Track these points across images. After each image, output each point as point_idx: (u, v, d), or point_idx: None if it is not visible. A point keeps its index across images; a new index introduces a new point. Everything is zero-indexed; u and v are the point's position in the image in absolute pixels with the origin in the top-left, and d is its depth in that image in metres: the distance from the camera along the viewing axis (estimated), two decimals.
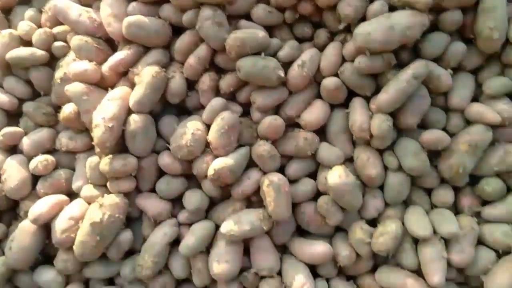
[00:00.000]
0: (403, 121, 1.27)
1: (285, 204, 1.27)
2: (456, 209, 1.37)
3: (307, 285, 1.27)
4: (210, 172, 1.29)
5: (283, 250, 1.40)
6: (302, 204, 1.35)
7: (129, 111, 1.33)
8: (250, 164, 1.36)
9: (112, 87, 1.39)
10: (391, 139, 1.30)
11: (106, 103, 1.31)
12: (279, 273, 1.34)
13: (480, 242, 1.31)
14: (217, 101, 1.34)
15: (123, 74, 1.41)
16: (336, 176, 1.24)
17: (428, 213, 1.33)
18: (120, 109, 1.31)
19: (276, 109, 1.39)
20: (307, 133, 1.34)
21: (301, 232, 1.41)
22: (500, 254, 1.28)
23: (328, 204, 1.30)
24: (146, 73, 1.31)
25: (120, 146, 1.36)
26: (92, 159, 1.39)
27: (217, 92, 1.40)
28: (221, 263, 1.30)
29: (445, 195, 1.32)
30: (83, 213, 1.36)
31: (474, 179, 1.34)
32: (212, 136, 1.32)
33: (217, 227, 1.35)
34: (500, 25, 1.23)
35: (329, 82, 1.30)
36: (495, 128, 1.28)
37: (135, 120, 1.31)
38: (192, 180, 1.42)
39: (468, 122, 1.30)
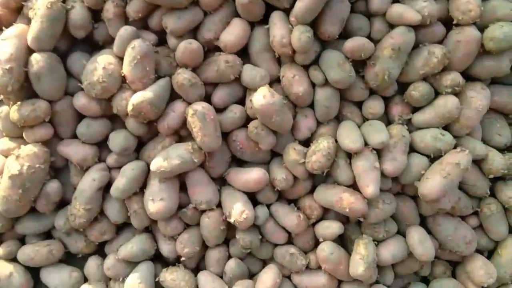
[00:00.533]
0: (323, 31, 1.21)
1: (213, 133, 1.21)
2: (388, 120, 1.35)
3: (245, 212, 1.24)
4: (129, 108, 1.20)
5: (222, 182, 1.36)
6: (233, 132, 1.30)
7: (30, 51, 1.21)
8: (175, 96, 1.28)
9: (8, 27, 1.25)
10: (314, 52, 1.24)
11: (0, 44, 1.17)
12: (220, 205, 1.32)
13: (413, 149, 1.30)
14: (126, 30, 1.22)
15: (19, 11, 1.26)
16: (260, 97, 1.18)
17: (360, 126, 1.30)
18: (18, 49, 1.18)
19: (194, 34, 1.29)
20: (227, 55, 1.25)
21: (240, 162, 1.37)
22: (432, 158, 1.28)
23: (258, 128, 1.25)
24: (40, 5, 1.17)
25: (29, 91, 1.24)
26: (2, 109, 1.28)
27: (126, 20, 1.28)
28: (156, 201, 1.25)
29: (374, 106, 1.29)
30: (1, 168, 1.27)
31: (404, 87, 1.31)
32: (125, 69, 1.22)
33: (149, 166, 1.29)
34: None
35: None
36: (418, 29, 1.23)
37: (36, 59, 1.19)
38: (116, 121, 1.33)
39: (392, 27, 1.24)
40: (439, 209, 1.29)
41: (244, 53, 1.30)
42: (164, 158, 1.22)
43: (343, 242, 1.38)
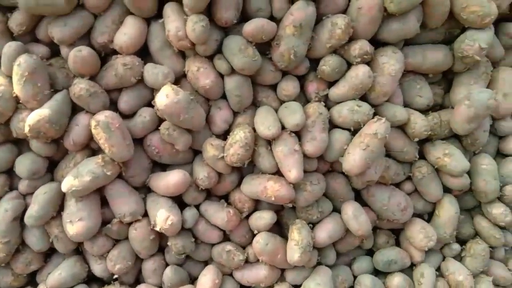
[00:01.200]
0: (219, 17, 1.14)
1: (122, 141, 1.14)
2: (306, 98, 1.30)
3: (170, 218, 1.19)
4: (26, 129, 1.12)
5: (148, 189, 1.30)
6: (147, 137, 1.23)
7: None
8: (79, 108, 1.20)
9: None
10: (215, 41, 1.17)
11: None
12: (146, 215, 1.26)
13: (335, 125, 1.27)
14: (10, 46, 1.13)
15: None
16: (163, 97, 1.12)
17: (277, 110, 1.26)
18: None
19: (88, 39, 1.21)
20: (125, 57, 1.18)
21: (164, 165, 1.31)
22: (355, 131, 1.25)
23: (169, 129, 1.18)
24: None
25: None
26: None
27: (11, 35, 1.19)
28: (75, 222, 1.18)
29: (287, 87, 1.24)
30: None
31: (317, 63, 1.26)
32: (16, 88, 1.13)
33: None
34: None
35: None
36: (319, 1, 1.18)
37: None
38: (24, 143, 1.25)
39: (293, 3, 1.19)
40: (368, 182, 1.27)
41: (145, 52, 1.23)
42: (74, 176, 1.15)
43: (282, 229, 1.35)
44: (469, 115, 1.23)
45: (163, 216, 1.20)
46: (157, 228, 1.20)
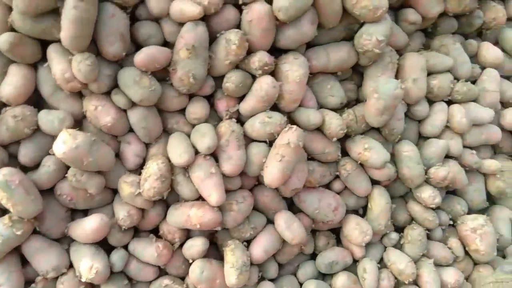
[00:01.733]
0: (105, 52, 1.09)
1: (26, 197, 1.08)
2: (219, 117, 1.28)
3: (94, 267, 1.14)
4: None
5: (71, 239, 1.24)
6: (56, 186, 1.17)
7: None
8: None
9: None
10: (108, 76, 1.12)
11: None
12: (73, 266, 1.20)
13: (251, 139, 1.25)
14: None
15: None
16: (60, 144, 1.06)
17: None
18: None
19: None
20: (14, 109, 1.11)
21: (86, 210, 1.25)
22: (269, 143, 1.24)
23: (76, 175, 1.13)
24: None
25: None
26: None
27: None
28: None
29: (195, 110, 1.21)
30: None
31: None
32: None
33: None
34: None
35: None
36: (209, 20, 1.16)
37: None
38: None
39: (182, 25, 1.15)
40: (293, 190, 1.25)
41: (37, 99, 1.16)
42: None
43: (220, 252, 1.32)
44: (379, 108, 1.24)
45: (87, 266, 1.14)
46: (83, 279, 1.14)
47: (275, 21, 1.16)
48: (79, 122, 1.19)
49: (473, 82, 1.49)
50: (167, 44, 1.18)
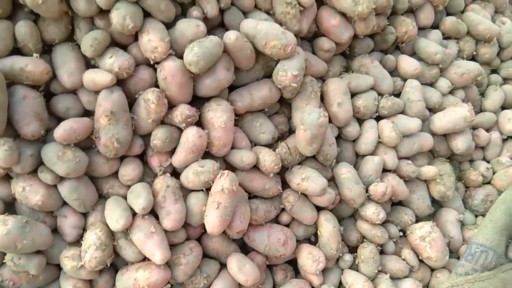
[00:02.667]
0: (24, 133, 1.10)
1: None
2: (154, 175, 1.29)
3: None
4: None
5: None
6: None
7: None
8: None
9: None
10: (29, 157, 1.12)
11: None
12: None
13: (190, 190, 1.27)
14: None
15: None
16: None
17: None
18: None
19: None
20: None
21: None
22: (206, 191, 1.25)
23: (13, 259, 1.12)
24: None
25: None
26: None
27: None
28: None
29: (127, 172, 1.21)
30: None
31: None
32: None
33: None
34: None
35: None
36: (126, 83, 1.18)
37: None
38: None
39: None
40: (238, 233, 1.26)
41: None
42: None
43: None
44: (307, 138, 1.27)
45: None
46: None
47: (189, 74, 1.20)
48: (11, 204, 1.18)
49: (398, 94, 1.55)
50: (88, 112, 1.20)
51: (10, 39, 1.08)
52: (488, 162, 1.67)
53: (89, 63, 1.18)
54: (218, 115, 1.24)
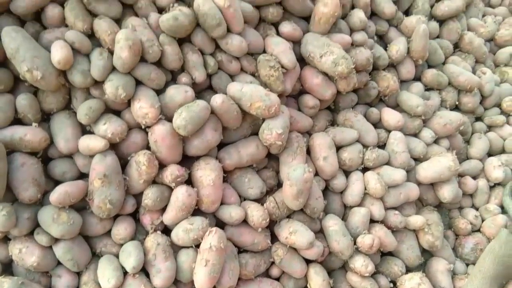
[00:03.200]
0: (22, 198, 1.16)
1: None
2: (146, 232, 1.33)
3: None
4: None
5: None
6: None
7: None
8: None
9: None
10: (26, 220, 1.17)
11: None
12: None
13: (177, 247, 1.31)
14: None
15: None
16: None
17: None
18: None
19: None
20: None
21: None
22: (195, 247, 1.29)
23: None
24: None
25: None
26: None
27: None
28: None
29: (118, 230, 1.27)
30: None
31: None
32: None
33: None
34: None
35: None
36: (119, 146, 1.26)
37: None
38: None
39: None
40: None
41: None
42: None
43: None
44: (293, 193, 1.32)
45: None
46: None
47: (178, 136, 1.27)
48: (8, 265, 1.22)
49: (384, 146, 1.61)
50: (84, 175, 1.26)
51: (11, 111, 1.17)
52: (477, 209, 1.70)
53: (85, 128, 1.26)
54: (206, 173, 1.30)
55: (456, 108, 1.81)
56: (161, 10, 1.33)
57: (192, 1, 1.31)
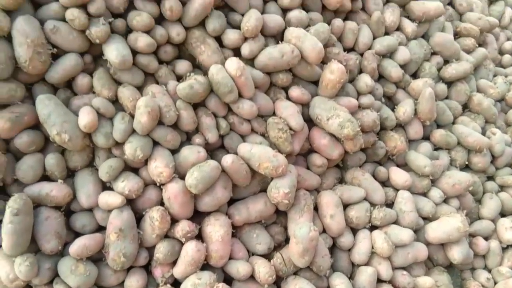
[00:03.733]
0: (44, 249, 1.26)
1: None
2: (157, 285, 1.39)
3: None
4: None
5: None
6: None
7: None
8: None
9: None
10: (47, 270, 1.26)
11: None
12: None
13: None
14: None
15: None
16: None
17: None
18: None
19: None
20: None
21: None
22: None
23: None
24: None
25: None
26: None
27: None
28: None
29: (131, 282, 1.33)
30: None
31: None
32: None
33: None
34: None
35: None
36: (135, 202, 1.35)
37: None
38: None
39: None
40: None
41: None
42: None
43: None
44: (299, 251, 1.36)
45: None
46: None
47: (190, 194, 1.35)
48: None
49: (392, 204, 1.64)
50: (102, 227, 1.36)
51: (40, 169, 1.29)
52: (490, 271, 1.67)
53: (105, 184, 1.37)
54: (216, 229, 1.37)
55: (466, 167, 1.83)
56: (179, 78, 1.47)
57: (207, 70, 1.44)
